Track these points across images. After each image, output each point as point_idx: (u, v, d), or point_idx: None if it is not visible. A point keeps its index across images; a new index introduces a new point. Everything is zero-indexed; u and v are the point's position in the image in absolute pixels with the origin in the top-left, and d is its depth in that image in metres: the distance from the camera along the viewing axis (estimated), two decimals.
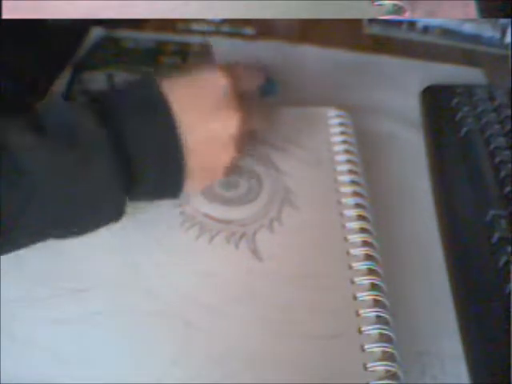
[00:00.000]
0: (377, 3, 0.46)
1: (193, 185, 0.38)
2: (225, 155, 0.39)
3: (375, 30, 0.63)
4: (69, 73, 0.53)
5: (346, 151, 0.46)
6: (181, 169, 0.36)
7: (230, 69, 0.39)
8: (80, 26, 0.57)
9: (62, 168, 0.32)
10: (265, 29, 0.61)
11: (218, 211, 0.41)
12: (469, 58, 0.60)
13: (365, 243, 0.40)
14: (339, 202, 0.42)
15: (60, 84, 0.52)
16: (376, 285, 0.37)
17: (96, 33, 0.58)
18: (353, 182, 0.44)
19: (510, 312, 0.36)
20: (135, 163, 0.34)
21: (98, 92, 0.36)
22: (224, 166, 0.39)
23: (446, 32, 0.62)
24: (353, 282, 0.38)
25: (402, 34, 0.62)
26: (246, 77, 0.41)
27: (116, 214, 0.36)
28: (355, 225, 0.41)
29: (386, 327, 0.35)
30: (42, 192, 0.31)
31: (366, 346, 0.35)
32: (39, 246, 0.38)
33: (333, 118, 0.49)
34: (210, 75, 0.38)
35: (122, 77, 0.53)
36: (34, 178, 0.31)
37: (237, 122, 0.38)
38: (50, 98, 0.35)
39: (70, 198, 0.32)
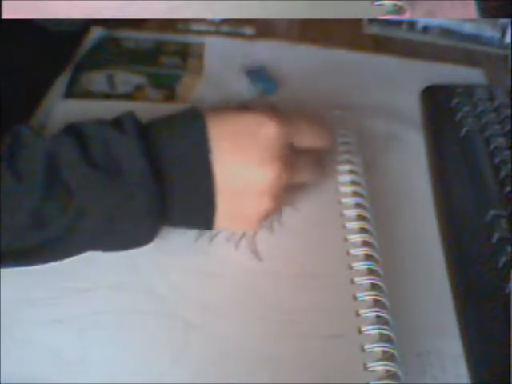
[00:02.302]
0: (377, 3, 0.46)
1: (223, 226, 0.38)
2: (256, 205, 0.37)
3: (375, 29, 0.63)
4: (69, 73, 0.53)
5: (347, 151, 0.46)
6: (209, 206, 0.36)
7: (291, 119, 0.38)
8: (80, 26, 0.57)
9: (110, 201, 0.34)
10: (265, 29, 0.61)
11: None
12: (469, 58, 0.60)
13: (365, 243, 0.40)
14: (339, 202, 0.43)
15: (60, 84, 0.52)
16: (376, 285, 0.37)
17: (96, 33, 0.58)
18: (353, 182, 0.44)
19: (510, 312, 0.36)
20: (169, 196, 0.35)
21: (147, 123, 0.36)
22: (257, 217, 0.38)
23: (446, 32, 0.62)
24: (353, 282, 0.38)
25: (402, 33, 0.62)
26: (310, 132, 0.39)
27: (148, 240, 0.37)
28: (355, 225, 0.41)
29: (385, 327, 0.35)
30: (90, 216, 0.33)
31: (366, 346, 0.35)
32: None
33: (333, 119, 0.49)
34: (263, 120, 0.36)
35: (122, 77, 0.53)
36: (84, 204, 0.33)
37: (277, 175, 0.36)
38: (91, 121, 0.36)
39: (111, 226, 0.34)
